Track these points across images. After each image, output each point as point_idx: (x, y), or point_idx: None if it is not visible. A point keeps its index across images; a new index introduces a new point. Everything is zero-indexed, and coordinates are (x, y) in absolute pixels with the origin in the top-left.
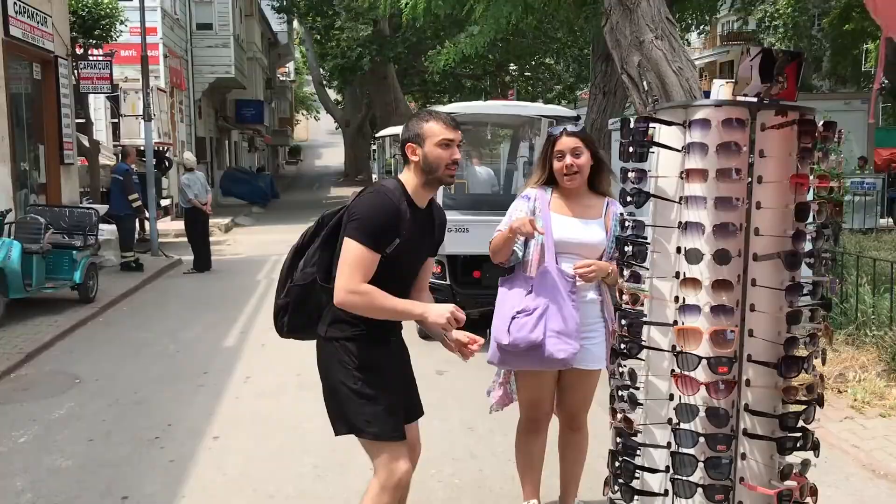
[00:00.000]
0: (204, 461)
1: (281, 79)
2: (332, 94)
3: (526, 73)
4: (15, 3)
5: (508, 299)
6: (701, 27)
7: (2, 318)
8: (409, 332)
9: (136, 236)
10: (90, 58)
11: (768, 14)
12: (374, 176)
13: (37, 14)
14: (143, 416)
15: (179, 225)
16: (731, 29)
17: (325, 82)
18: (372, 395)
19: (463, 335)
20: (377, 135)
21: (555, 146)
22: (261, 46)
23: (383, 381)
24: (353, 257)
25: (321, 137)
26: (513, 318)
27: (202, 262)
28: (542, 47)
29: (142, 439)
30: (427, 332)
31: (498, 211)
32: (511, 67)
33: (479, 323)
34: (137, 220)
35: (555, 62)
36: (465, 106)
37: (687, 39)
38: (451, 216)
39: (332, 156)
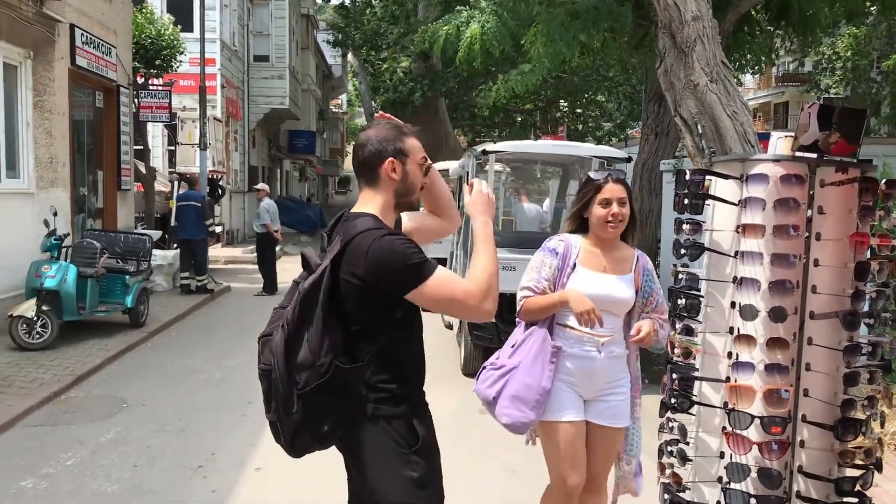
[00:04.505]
0: (246, 492)
1: (333, 110)
2: None
3: (577, 111)
4: (82, 34)
5: (506, 343)
6: (756, 69)
7: (55, 340)
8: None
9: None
10: (150, 87)
11: (826, 56)
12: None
13: (102, 45)
14: (187, 443)
15: (229, 252)
16: (786, 70)
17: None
18: (430, 479)
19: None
20: None
21: (600, 192)
22: (315, 78)
23: (436, 460)
24: (444, 283)
25: None
26: (484, 367)
27: (271, 285)
28: (594, 85)
29: (185, 467)
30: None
31: None
32: (562, 104)
33: None
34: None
35: (606, 100)
36: (517, 144)
37: (740, 79)
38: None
39: None
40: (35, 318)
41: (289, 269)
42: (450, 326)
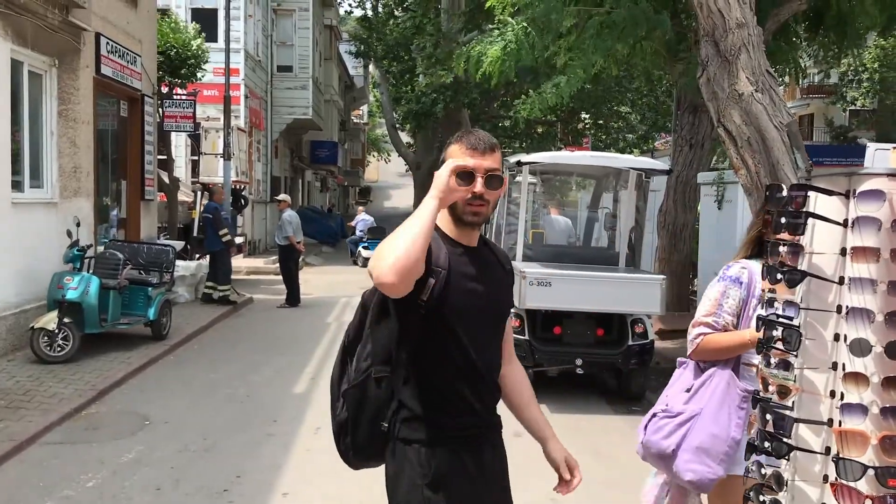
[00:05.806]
0: None
1: (355, 121)
2: (405, 137)
3: (598, 122)
4: (107, 42)
5: (672, 386)
6: (784, 80)
7: (76, 353)
8: None
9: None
10: (175, 97)
11: (852, 68)
12: None
13: (127, 54)
14: (211, 465)
15: (251, 262)
16: (811, 81)
17: (397, 126)
18: None
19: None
20: None
21: None
22: (337, 89)
23: (467, 500)
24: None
25: (391, 179)
26: (654, 415)
27: (294, 297)
28: (617, 96)
29: (210, 491)
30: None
31: (581, 265)
32: (583, 115)
33: (557, 380)
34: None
35: (629, 111)
36: (552, 156)
37: None
38: (532, 269)
39: (401, 197)
40: (56, 331)
41: (310, 281)
42: None
